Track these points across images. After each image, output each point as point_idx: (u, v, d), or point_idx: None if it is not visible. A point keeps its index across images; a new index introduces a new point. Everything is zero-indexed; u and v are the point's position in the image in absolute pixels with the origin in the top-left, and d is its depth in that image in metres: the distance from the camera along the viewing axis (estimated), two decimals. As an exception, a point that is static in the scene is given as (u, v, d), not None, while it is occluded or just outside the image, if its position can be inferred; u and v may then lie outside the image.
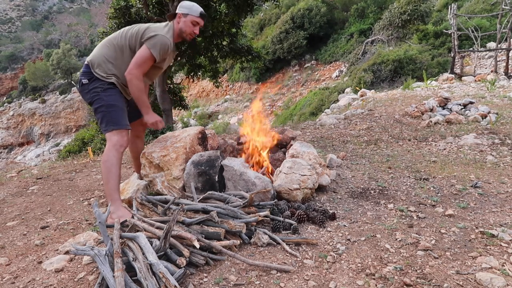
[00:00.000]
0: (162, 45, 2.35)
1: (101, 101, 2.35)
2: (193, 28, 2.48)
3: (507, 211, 2.43)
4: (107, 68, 2.38)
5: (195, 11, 2.45)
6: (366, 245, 1.99)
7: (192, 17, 2.45)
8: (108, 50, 2.41)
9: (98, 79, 2.37)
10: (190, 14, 2.43)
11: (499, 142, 4.29)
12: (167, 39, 2.37)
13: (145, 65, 2.36)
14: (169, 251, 1.76)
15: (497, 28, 12.39)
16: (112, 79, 2.39)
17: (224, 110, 24.35)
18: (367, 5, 21.84)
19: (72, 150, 10.57)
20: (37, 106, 36.20)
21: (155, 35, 2.34)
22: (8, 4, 58.56)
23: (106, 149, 2.33)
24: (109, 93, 2.37)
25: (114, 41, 2.42)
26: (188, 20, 2.45)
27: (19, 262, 1.96)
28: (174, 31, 2.47)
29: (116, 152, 2.31)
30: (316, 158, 2.97)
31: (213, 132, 3.25)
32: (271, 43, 22.91)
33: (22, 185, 3.57)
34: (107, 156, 2.31)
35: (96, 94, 2.36)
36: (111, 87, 2.39)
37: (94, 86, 2.37)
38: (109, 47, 2.42)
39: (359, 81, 13.38)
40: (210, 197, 2.38)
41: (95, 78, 2.37)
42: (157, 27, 2.42)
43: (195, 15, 2.45)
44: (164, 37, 2.36)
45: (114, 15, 8.63)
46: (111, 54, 2.40)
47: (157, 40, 2.33)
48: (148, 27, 2.41)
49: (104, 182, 2.32)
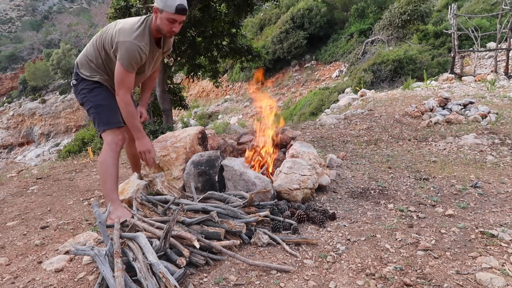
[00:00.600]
0: (129, 56, 2.09)
1: (89, 103, 2.29)
2: (171, 26, 2.11)
3: (507, 211, 2.43)
4: (90, 67, 2.29)
5: (169, 6, 2.04)
6: (366, 245, 1.99)
7: (168, 13, 2.06)
8: (91, 49, 2.30)
9: (84, 79, 2.29)
10: (165, 10, 2.05)
11: (499, 142, 4.29)
12: (134, 45, 2.08)
13: (125, 82, 2.15)
14: (169, 251, 1.76)
15: (497, 28, 12.39)
16: (96, 78, 2.29)
17: (224, 110, 24.35)
18: (367, 5, 21.84)
19: (72, 150, 10.57)
20: (37, 106, 36.20)
21: (121, 44, 2.09)
22: (8, 4, 58.56)
23: (102, 150, 2.30)
24: (95, 93, 2.29)
25: (95, 40, 2.30)
26: (163, 17, 2.08)
27: (19, 262, 1.96)
28: (151, 28, 2.17)
29: (112, 152, 2.27)
30: (316, 158, 2.97)
31: (213, 132, 3.25)
32: (271, 43, 22.91)
33: (22, 185, 3.57)
34: (103, 157, 2.28)
35: (84, 95, 2.29)
36: (97, 86, 2.29)
37: (81, 88, 2.30)
38: (91, 46, 2.31)
39: (359, 81, 13.38)
40: (210, 197, 2.38)
41: (81, 78, 2.30)
42: (125, 30, 2.11)
43: (171, 12, 2.05)
44: (130, 44, 2.08)
45: (114, 15, 8.64)
46: (92, 53, 2.29)
47: (123, 52, 2.09)
48: (118, 30, 2.13)
49: (102, 183, 2.31)
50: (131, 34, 2.09)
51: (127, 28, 2.11)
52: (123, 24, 2.15)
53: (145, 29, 2.14)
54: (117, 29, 2.14)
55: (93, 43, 2.29)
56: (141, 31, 2.12)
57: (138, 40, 2.09)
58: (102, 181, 2.30)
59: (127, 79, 2.15)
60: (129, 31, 2.10)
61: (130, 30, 2.10)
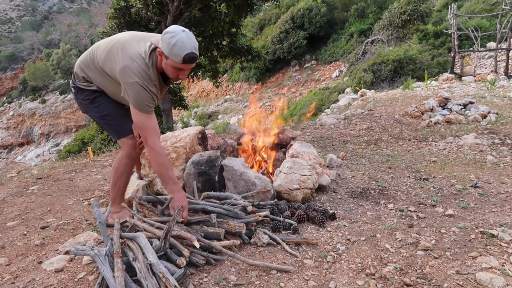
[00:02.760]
0: (142, 98, 1.86)
1: (93, 113, 2.16)
2: (177, 73, 1.87)
3: (507, 211, 2.43)
4: (86, 76, 2.08)
5: (176, 56, 1.76)
6: (366, 245, 1.99)
7: (173, 62, 1.80)
8: (85, 58, 2.10)
9: (82, 89, 2.12)
10: (171, 58, 1.79)
11: (499, 142, 4.29)
12: (145, 87, 1.85)
13: (149, 126, 1.92)
14: (169, 251, 1.76)
15: (497, 28, 12.39)
16: (94, 87, 2.09)
17: (224, 110, 24.34)
18: (367, 5, 21.84)
19: (72, 150, 10.56)
20: (37, 106, 36.20)
21: (131, 86, 1.84)
22: (8, 4, 58.56)
23: (120, 156, 2.23)
24: (97, 103, 2.11)
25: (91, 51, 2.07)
26: (169, 64, 1.83)
27: (19, 262, 1.96)
28: (157, 64, 1.92)
29: (130, 160, 2.21)
30: (316, 158, 2.97)
31: (213, 132, 3.25)
32: (271, 43, 22.90)
33: (22, 185, 3.57)
34: (118, 163, 2.22)
35: (87, 106, 2.14)
36: (97, 95, 2.10)
37: (81, 98, 2.14)
38: (86, 55, 2.10)
39: (359, 81, 13.38)
40: (210, 197, 2.38)
41: (79, 88, 2.13)
42: (132, 68, 1.83)
43: (177, 61, 1.78)
44: (140, 88, 1.84)
45: (114, 15, 8.65)
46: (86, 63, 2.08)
47: (135, 95, 1.86)
48: (124, 68, 1.85)
49: (112, 186, 2.29)
50: (139, 74, 1.85)
51: (136, 66, 1.85)
52: (130, 57, 1.86)
53: (153, 68, 1.90)
54: (123, 65, 1.86)
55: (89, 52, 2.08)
56: (150, 70, 1.88)
57: (147, 82, 1.86)
58: (113, 185, 2.28)
59: (149, 122, 1.92)
60: (137, 69, 1.84)
61: (138, 69, 1.85)
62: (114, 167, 2.25)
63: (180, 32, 1.76)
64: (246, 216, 2.14)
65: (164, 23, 8.49)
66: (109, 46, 1.96)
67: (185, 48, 1.74)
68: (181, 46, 1.74)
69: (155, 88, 1.92)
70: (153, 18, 8.54)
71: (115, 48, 1.93)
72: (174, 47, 1.74)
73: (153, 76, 1.90)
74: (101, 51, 1.98)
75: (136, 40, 1.96)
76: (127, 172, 2.26)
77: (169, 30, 1.77)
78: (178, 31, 1.76)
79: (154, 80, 1.90)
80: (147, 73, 1.86)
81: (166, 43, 1.75)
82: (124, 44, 1.93)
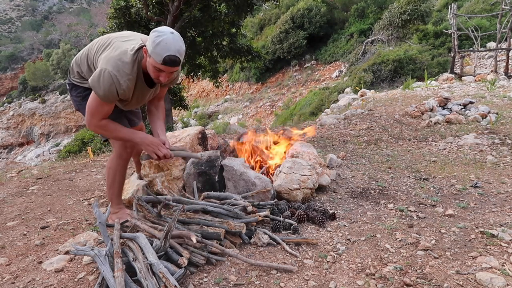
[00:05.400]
0: (105, 86, 1.77)
1: (84, 110, 2.04)
2: (158, 74, 1.77)
3: (507, 211, 2.43)
4: (80, 71, 2.07)
5: (157, 55, 1.68)
6: (366, 245, 1.99)
7: (154, 61, 1.71)
8: (81, 53, 2.09)
9: (76, 86, 2.11)
10: (152, 56, 1.70)
11: (499, 142, 4.29)
12: (113, 77, 1.76)
13: (99, 111, 1.85)
14: (170, 250, 1.76)
15: (497, 28, 12.38)
16: (87, 84, 2.02)
17: (224, 110, 24.34)
18: (367, 5, 21.84)
19: (72, 150, 10.57)
20: (37, 106, 36.21)
21: (101, 72, 1.76)
22: (8, 4, 58.57)
23: (112, 156, 2.24)
24: None
25: (88, 46, 2.06)
26: (150, 63, 1.75)
27: (19, 262, 1.96)
28: (142, 62, 1.85)
29: (122, 160, 2.21)
30: (316, 158, 2.97)
31: (213, 132, 3.25)
32: (271, 43, 22.90)
33: (22, 185, 3.57)
34: (111, 163, 2.23)
35: (79, 103, 2.11)
36: (89, 92, 2.00)
37: (74, 95, 2.13)
38: (83, 50, 2.09)
39: (359, 81, 13.37)
40: (210, 197, 2.38)
41: (73, 84, 2.12)
42: (111, 57, 1.79)
43: (158, 61, 1.70)
44: (108, 75, 1.75)
45: (114, 15, 8.65)
46: (81, 58, 2.06)
47: (100, 82, 1.77)
48: (105, 56, 1.82)
49: (107, 187, 2.30)
50: (115, 63, 1.78)
51: (115, 56, 1.80)
52: (114, 48, 1.85)
53: (136, 64, 1.83)
54: (106, 53, 1.84)
55: (86, 49, 2.07)
56: (129, 65, 1.79)
57: (120, 73, 1.77)
58: (109, 186, 2.29)
59: (100, 108, 1.85)
60: (114, 59, 1.78)
61: (116, 59, 1.79)
62: (107, 168, 2.26)
63: (168, 33, 1.70)
64: (246, 216, 2.14)
65: (164, 23, 8.49)
66: (103, 41, 1.97)
67: (167, 49, 1.68)
68: (164, 46, 1.67)
69: (127, 83, 1.80)
70: (153, 18, 8.54)
71: (108, 42, 1.93)
72: (158, 46, 1.67)
73: (130, 72, 1.80)
74: (95, 47, 1.98)
75: (131, 38, 1.95)
76: (120, 172, 2.25)
77: (157, 29, 1.72)
78: (166, 32, 1.71)
79: (130, 74, 1.80)
80: (123, 66, 1.78)
81: (151, 41, 1.70)
82: (118, 39, 1.93)
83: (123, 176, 2.30)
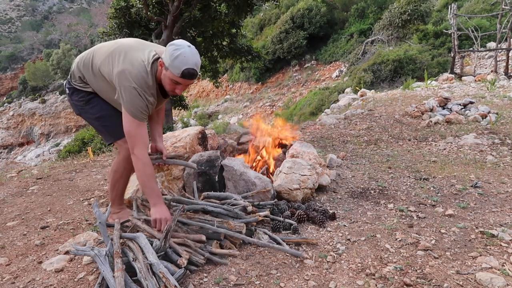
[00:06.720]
0: (136, 103, 1.81)
1: (88, 115, 2.08)
2: (174, 87, 1.81)
3: (507, 211, 2.43)
4: (82, 76, 2.03)
5: (176, 68, 1.71)
6: (366, 245, 1.99)
7: (171, 74, 1.74)
8: (84, 57, 2.05)
9: (78, 90, 2.06)
10: (170, 69, 1.74)
11: (499, 142, 4.29)
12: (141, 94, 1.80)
13: (138, 135, 1.86)
14: (170, 250, 1.76)
15: (497, 28, 12.39)
16: (90, 88, 2.04)
17: (224, 110, 24.34)
18: (367, 5, 21.84)
19: (72, 150, 10.56)
20: (37, 106, 36.20)
21: (126, 90, 1.79)
22: (8, 4, 58.58)
23: (118, 159, 2.19)
24: (92, 104, 2.05)
25: (92, 51, 2.04)
26: (167, 76, 1.77)
27: (19, 262, 1.96)
28: (157, 74, 1.87)
29: (127, 163, 2.13)
30: (316, 158, 2.97)
31: (213, 132, 3.25)
32: (271, 43, 22.90)
33: (22, 185, 3.57)
34: (117, 166, 2.18)
35: (81, 107, 2.08)
36: (93, 96, 2.05)
37: (76, 99, 2.08)
38: (85, 54, 2.06)
39: (359, 81, 13.38)
40: (210, 197, 2.38)
41: (74, 89, 2.07)
42: (132, 73, 1.79)
43: (176, 74, 1.73)
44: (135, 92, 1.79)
45: (114, 15, 8.65)
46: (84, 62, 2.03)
47: (129, 99, 1.80)
48: (122, 71, 1.80)
49: (110, 188, 2.28)
50: (139, 80, 1.80)
51: (135, 72, 1.80)
52: (131, 62, 1.83)
53: (153, 77, 1.85)
54: (122, 68, 1.81)
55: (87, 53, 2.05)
56: (149, 79, 1.83)
57: (144, 89, 1.81)
58: (111, 187, 2.26)
59: (139, 131, 1.85)
60: (137, 75, 1.80)
61: (139, 76, 1.81)
62: (112, 170, 2.22)
63: (185, 47, 1.74)
64: (246, 216, 2.14)
65: (164, 23, 8.49)
66: (112, 48, 1.92)
67: (186, 62, 1.71)
68: (183, 60, 1.71)
69: (152, 98, 1.87)
70: (153, 18, 8.54)
71: (117, 51, 1.90)
72: (176, 59, 1.71)
73: (152, 85, 1.85)
74: (102, 53, 1.95)
75: (141, 48, 1.94)
76: (126, 175, 2.22)
77: (174, 43, 1.76)
78: (183, 45, 1.74)
79: (152, 89, 1.86)
80: (146, 81, 1.82)
81: (169, 54, 1.73)
82: (128, 48, 1.91)
83: (127, 179, 2.28)
